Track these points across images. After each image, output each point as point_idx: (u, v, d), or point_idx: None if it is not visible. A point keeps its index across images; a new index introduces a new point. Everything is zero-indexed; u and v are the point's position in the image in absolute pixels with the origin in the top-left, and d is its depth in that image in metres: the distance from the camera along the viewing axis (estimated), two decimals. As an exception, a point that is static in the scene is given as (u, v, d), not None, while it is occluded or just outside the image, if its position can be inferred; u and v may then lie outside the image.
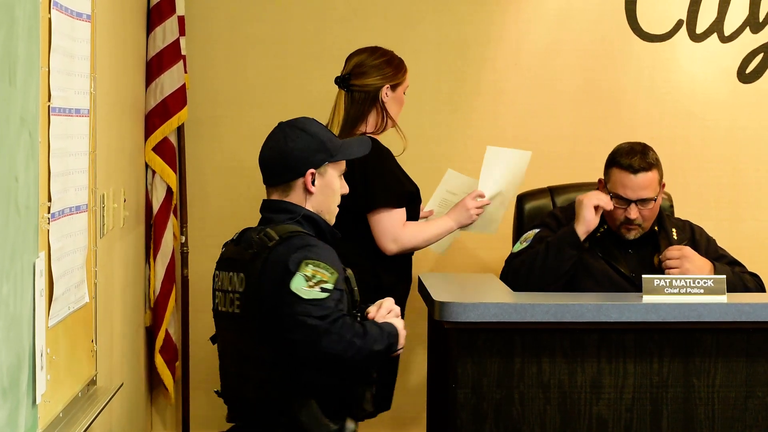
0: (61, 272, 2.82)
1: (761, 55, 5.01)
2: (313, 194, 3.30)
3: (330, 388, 3.18)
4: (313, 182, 3.29)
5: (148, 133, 4.70)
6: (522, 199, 4.65)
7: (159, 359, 4.79)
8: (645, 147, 4.13)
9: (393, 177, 4.22)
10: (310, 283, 3.13)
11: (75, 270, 3.01)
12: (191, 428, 4.98)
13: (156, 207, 4.74)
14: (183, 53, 4.75)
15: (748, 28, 5.00)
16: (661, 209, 4.25)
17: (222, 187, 4.97)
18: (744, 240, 5.01)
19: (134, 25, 4.46)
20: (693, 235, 4.26)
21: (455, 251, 4.98)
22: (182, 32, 4.76)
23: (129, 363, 4.31)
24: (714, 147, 5.05)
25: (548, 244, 4.08)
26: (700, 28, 5.00)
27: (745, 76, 5.02)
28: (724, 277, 3.77)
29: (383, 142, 4.28)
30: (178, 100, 4.70)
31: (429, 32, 4.97)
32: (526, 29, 5.00)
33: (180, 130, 4.86)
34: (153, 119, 4.69)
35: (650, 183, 4.08)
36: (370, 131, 4.28)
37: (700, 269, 4.04)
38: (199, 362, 4.93)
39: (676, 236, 4.22)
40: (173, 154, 4.78)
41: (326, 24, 4.97)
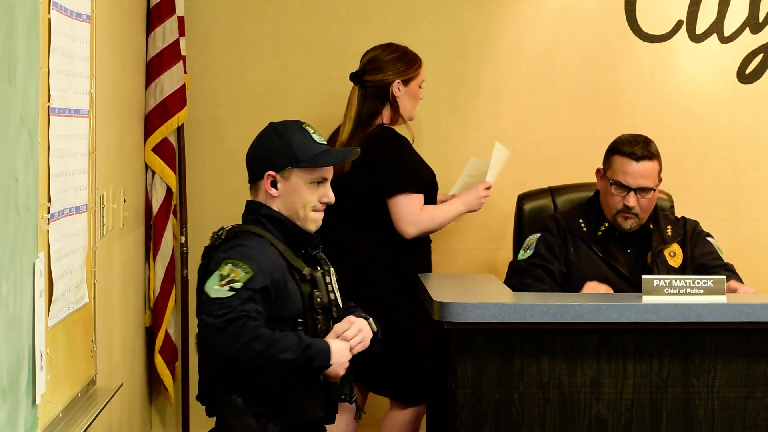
0: (60, 273, 2.82)
1: (761, 56, 5.01)
2: (275, 197, 3.29)
3: (264, 389, 3.16)
4: (274, 185, 3.28)
5: (148, 133, 4.70)
6: (522, 199, 4.65)
7: (159, 359, 4.79)
8: (647, 138, 4.21)
9: (411, 164, 4.40)
10: (222, 282, 3.10)
11: (75, 270, 3.01)
12: (191, 428, 4.97)
13: (156, 207, 4.74)
14: (183, 54, 4.75)
15: (747, 29, 5.00)
16: (657, 206, 4.26)
17: (221, 187, 4.97)
18: (744, 240, 5.02)
19: (134, 25, 4.46)
20: (685, 231, 4.28)
21: (455, 251, 4.99)
22: (182, 33, 4.76)
23: (129, 363, 4.31)
24: (714, 147, 5.05)
25: None
26: (700, 29, 5.00)
27: (744, 76, 5.02)
28: (723, 277, 3.77)
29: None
30: (177, 100, 4.70)
31: (429, 32, 4.97)
32: (526, 30, 5.01)
33: (180, 131, 4.86)
34: (153, 120, 4.69)
35: (651, 172, 4.13)
36: (387, 123, 4.46)
37: None
38: (199, 362, 4.93)
39: (670, 233, 4.24)
40: (173, 154, 4.78)
41: (326, 24, 4.97)
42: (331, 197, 3.32)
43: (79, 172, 3.06)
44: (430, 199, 4.47)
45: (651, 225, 4.24)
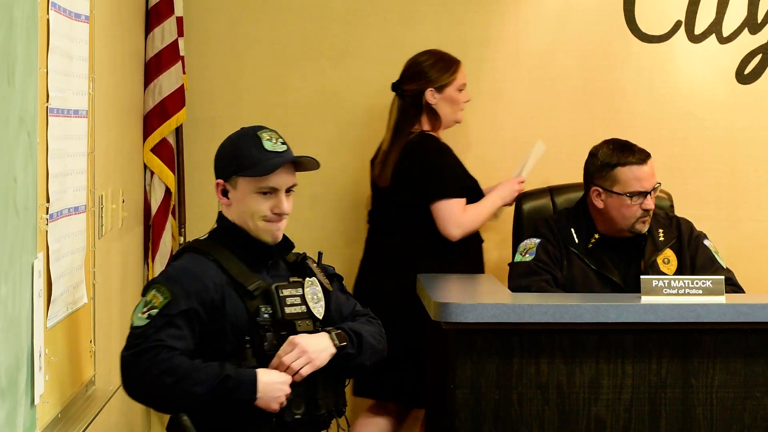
0: (59, 273, 2.82)
1: (760, 56, 5.01)
2: (228, 206, 3.17)
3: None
4: (226, 194, 3.16)
5: (147, 133, 4.70)
6: (521, 199, 4.65)
7: (158, 360, 4.78)
8: (625, 140, 4.21)
9: (450, 171, 4.51)
10: (144, 309, 3.01)
11: (73, 271, 3.01)
12: (190, 429, 4.97)
13: (154, 208, 4.73)
14: (181, 54, 4.75)
15: (746, 29, 5.00)
16: None
17: (221, 187, 4.96)
18: (743, 240, 5.01)
19: (133, 26, 4.46)
20: (680, 233, 4.26)
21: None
22: (181, 33, 4.76)
23: (128, 364, 4.31)
24: (713, 147, 5.05)
25: None
26: (699, 29, 5.00)
27: (743, 77, 5.02)
28: (723, 278, 3.77)
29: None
30: (176, 101, 4.70)
31: (428, 33, 4.97)
32: (525, 30, 5.00)
33: (178, 131, 4.85)
34: (151, 120, 4.69)
35: (653, 168, 4.16)
36: (428, 129, 4.57)
37: None
38: (198, 363, 4.92)
39: (662, 237, 4.22)
40: (172, 154, 4.78)
41: (325, 25, 4.97)
42: (283, 208, 3.11)
43: (77, 173, 3.06)
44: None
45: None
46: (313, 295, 3.14)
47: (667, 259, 4.21)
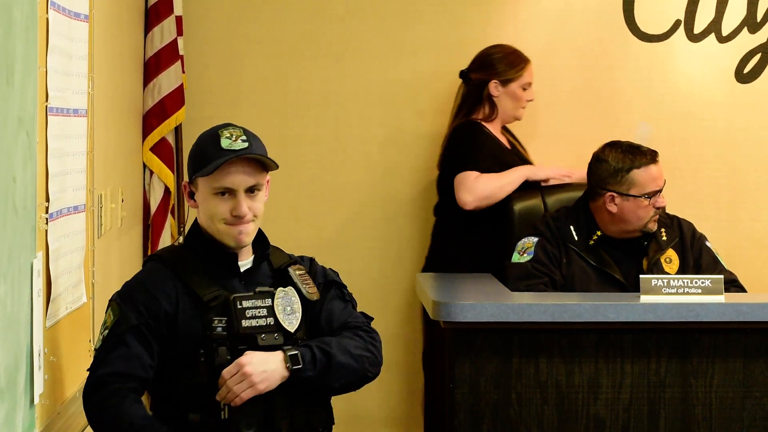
0: (58, 272, 2.82)
1: (759, 56, 5.01)
2: (196, 208, 2.99)
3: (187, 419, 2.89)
4: (192, 195, 2.98)
5: (146, 133, 4.70)
6: (511, 199, 4.57)
7: (157, 359, 4.79)
8: (629, 142, 4.21)
9: (478, 150, 4.53)
10: (101, 329, 2.89)
11: (73, 270, 3.01)
12: (189, 428, 4.97)
13: (154, 207, 4.73)
14: (181, 53, 4.75)
15: (745, 28, 5.00)
16: None
17: (220, 187, 4.96)
18: (742, 240, 5.01)
19: (132, 25, 4.46)
20: (682, 234, 4.26)
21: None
22: (180, 32, 4.76)
23: (127, 363, 4.30)
24: (712, 147, 5.05)
25: None
26: (698, 28, 5.00)
27: (742, 76, 5.02)
28: (722, 277, 3.77)
29: None
30: (175, 100, 4.70)
31: (427, 33, 4.97)
32: (524, 29, 5.00)
33: (178, 131, 4.85)
34: (151, 119, 4.69)
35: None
36: (480, 118, 4.63)
37: None
38: (197, 362, 4.92)
39: (665, 236, 4.21)
40: (171, 154, 4.78)
41: (324, 24, 4.97)
42: (239, 210, 2.90)
43: (77, 172, 3.06)
44: None
45: None
46: (285, 307, 2.92)
47: (669, 258, 4.21)
